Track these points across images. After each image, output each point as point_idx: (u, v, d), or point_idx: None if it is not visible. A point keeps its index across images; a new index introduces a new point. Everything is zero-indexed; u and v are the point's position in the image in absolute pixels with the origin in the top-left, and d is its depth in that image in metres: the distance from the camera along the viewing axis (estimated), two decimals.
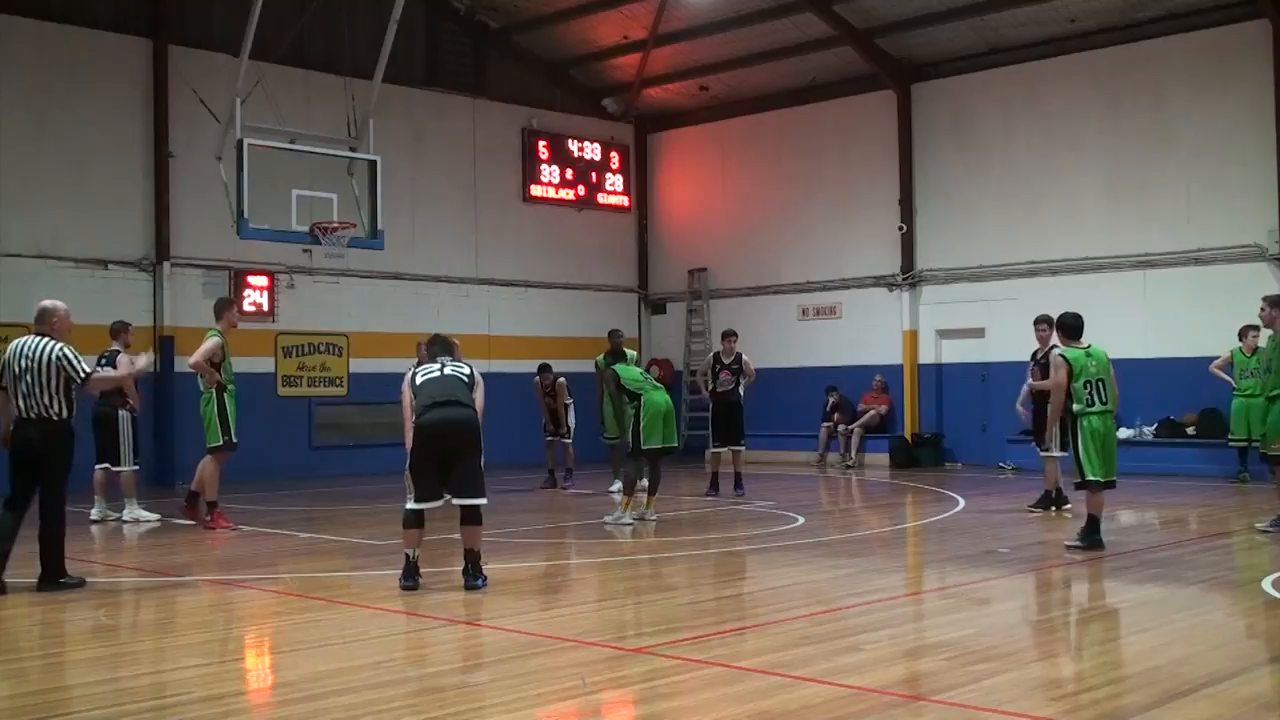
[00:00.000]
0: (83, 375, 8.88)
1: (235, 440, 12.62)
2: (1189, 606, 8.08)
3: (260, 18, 14.55)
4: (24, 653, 7.19)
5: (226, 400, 12.55)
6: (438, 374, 8.93)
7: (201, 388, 12.58)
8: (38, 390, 8.73)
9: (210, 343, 12.47)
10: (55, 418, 8.79)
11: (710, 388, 15.56)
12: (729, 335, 15.84)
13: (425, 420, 8.66)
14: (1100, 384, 10.29)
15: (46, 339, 8.89)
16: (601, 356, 14.74)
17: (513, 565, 10.25)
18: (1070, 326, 10.66)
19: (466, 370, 9.04)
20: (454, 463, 8.64)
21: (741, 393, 15.52)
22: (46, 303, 9.13)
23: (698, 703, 5.65)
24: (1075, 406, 10.28)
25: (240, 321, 13.23)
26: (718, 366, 15.54)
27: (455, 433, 8.63)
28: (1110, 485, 10.35)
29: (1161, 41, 18.80)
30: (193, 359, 12.62)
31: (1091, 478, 10.23)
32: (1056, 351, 11.08)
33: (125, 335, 13.37)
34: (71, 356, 8.83)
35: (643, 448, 12.46)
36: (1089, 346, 10.52)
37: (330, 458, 20.02)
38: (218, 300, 13.40)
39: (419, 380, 8.94)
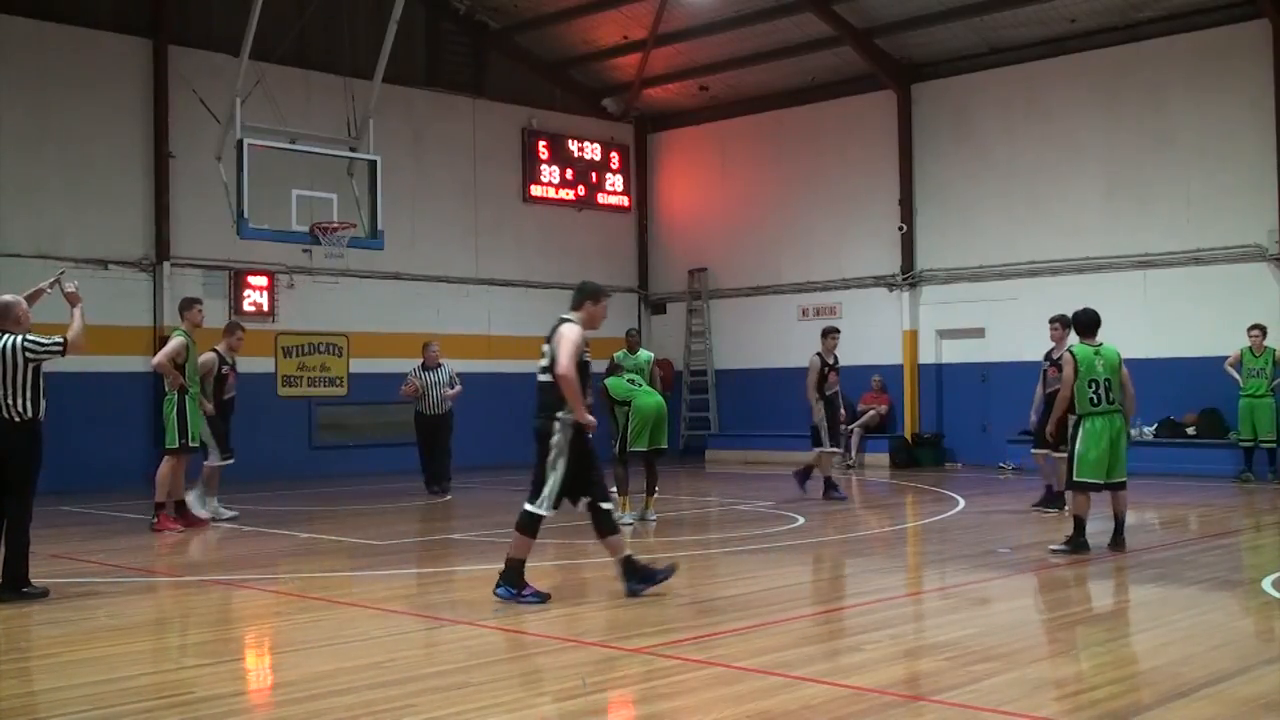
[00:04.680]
0: (59, 345, 8.37)
1: (193, 444, 12.58)
2: (1189, 606, 8.07)
3: (260, 18, 14.56)
4: (23, 652, 7.19)
5: (187, 403, 12.48)
6: None
7: (166, 389, 12.57)
8: (2, 389, 8.25)
9: (174, 343, 12.43)
10: (19, 418, 8.28)
11: (819, 393, 14.76)
12: (832, 333, 15.05)
13: None
14: (1108, 384, 10.14)
15: (11, 335, 8.36)
16: (621, 353, 15.03)
17: None
18: (1082, 322, 10.52)
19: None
20: None
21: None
22: (7, 297, 8.56)
23: (698, 703, 5.65)
24: (1078, 407, 10.19)
25: (203, 320, 12.96)
26: (825, 369, 14.81)
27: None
28: (1115, 487, 10.23)
29: (1161, 41, 18.80)
30: (155, 359, 12.59)
31: (1081, 479, 10.12)
32: (1066, 348, 11.01)
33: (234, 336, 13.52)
34: (32, 343, 8.33)
35: (630, 449, 12.50)
36: (1100, 345, 10.33)
37: (330, 458, 20.03)
38: (181, 300, 13.31)
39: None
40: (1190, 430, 18.06)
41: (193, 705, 5.76)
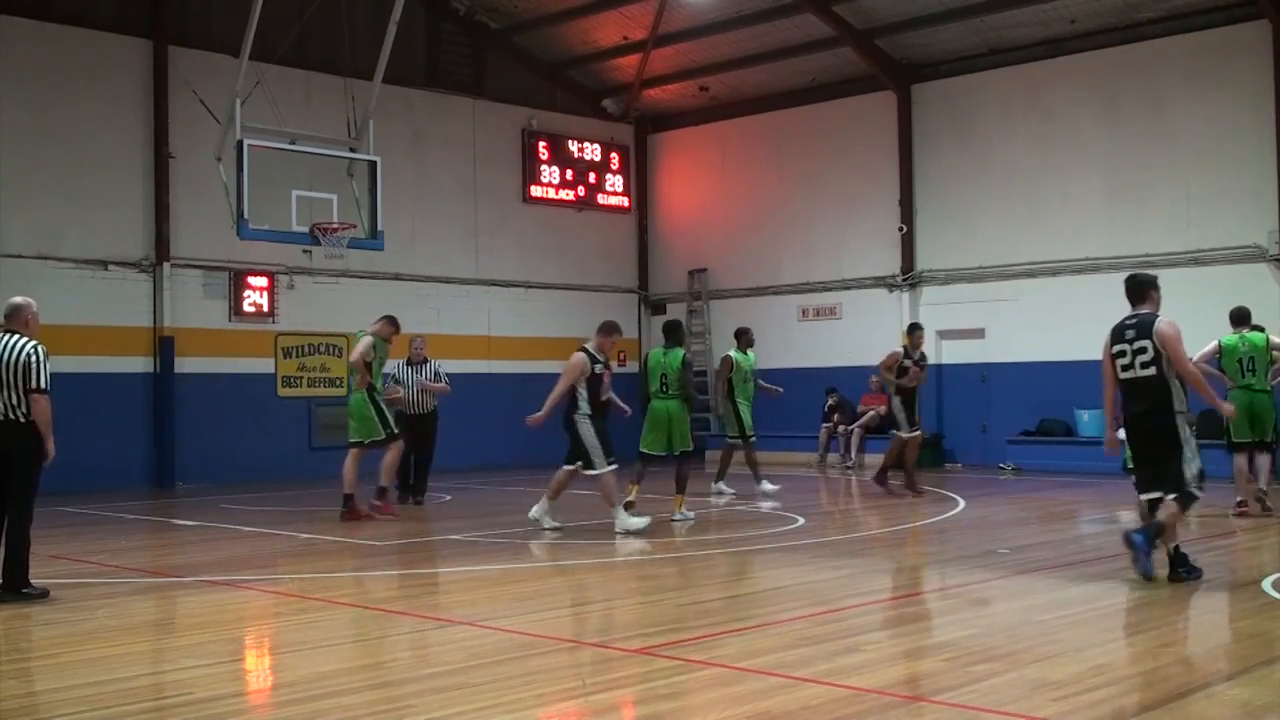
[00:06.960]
0: (39, 385, 8.30)
1: (397, 432, 13.41)
2: (1189, 606, 8.07)
3: (260, 18, 14.55)
4: (23, 652, 7.19)
5: (377, 398, 13.30)
6: None
7: (353, 386, 13.33)
8: (6, 390, 8.28)
9: (363, 342, 13.14)
10: (24, 419, 8.31)
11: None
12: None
13: None
14: (1251, 362, 12.46)
15: (20, 336, 8.42)
16: (735, 351, 15.66)
17: (513, 565, 10.26)
18: (1235, 317, 12.81)
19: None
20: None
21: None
22: (18, 299, 8.63)
23: (698, 703, 5.65)
24: (1231, 383, 12.44)
25: (398, 332, 13.75)
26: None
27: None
28: (1260, 447, 12.63)
29: (1161, 41, 18.80)
30: (352, 356, 13.29)
31: (1236, 440, 12.53)
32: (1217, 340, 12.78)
33: (612, 337, 12.33)
34: (38, 361, 8.31)
35: (640, 450, 12.98)
36: (1244, 333, 12.70)
37: (331, 458, 19.83)
38: (385, 317, 13.92)
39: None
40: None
41: (193, 705, 5.76)
